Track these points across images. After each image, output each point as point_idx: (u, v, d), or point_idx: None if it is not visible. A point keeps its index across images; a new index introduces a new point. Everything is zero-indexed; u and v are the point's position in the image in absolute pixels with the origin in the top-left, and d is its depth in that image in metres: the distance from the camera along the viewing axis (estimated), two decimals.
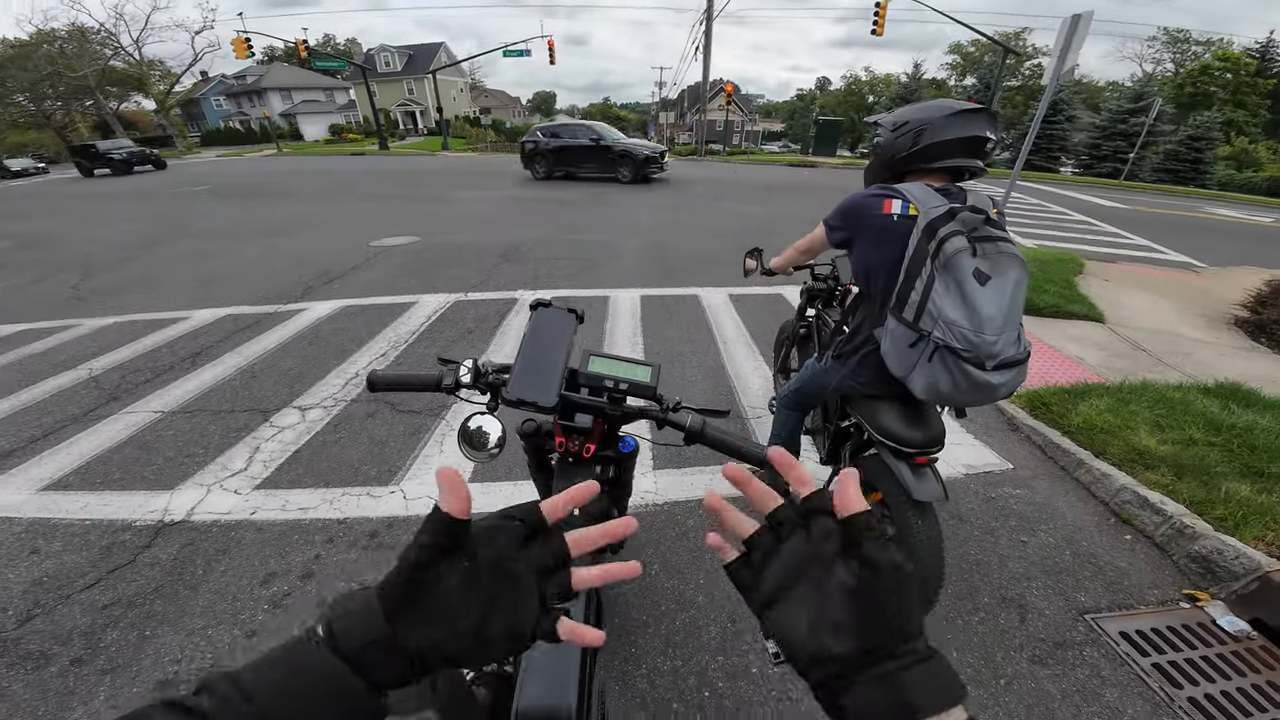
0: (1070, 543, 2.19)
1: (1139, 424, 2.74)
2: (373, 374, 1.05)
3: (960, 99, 1.46)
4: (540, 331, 0.96)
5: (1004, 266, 1.26)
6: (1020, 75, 41.32)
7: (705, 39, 24.86)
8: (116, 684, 1.61)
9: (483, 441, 0.98)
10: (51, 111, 39.79)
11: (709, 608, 1.88)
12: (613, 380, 0.94)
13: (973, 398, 1.33)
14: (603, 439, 1.07)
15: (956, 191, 1.37)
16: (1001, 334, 1.25)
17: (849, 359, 1.62)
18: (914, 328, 1.30)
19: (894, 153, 1.43)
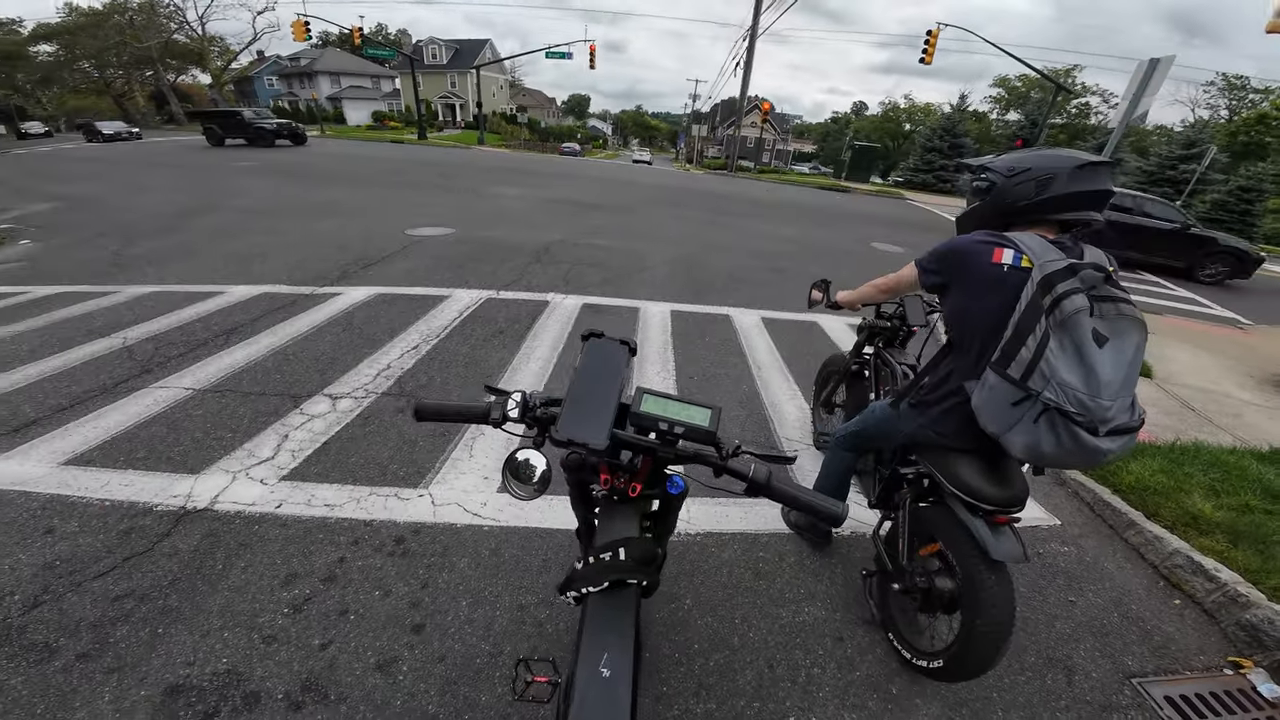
0: (1118, 605, 2.16)
1: (1193, 487, 2.72)
2: (419, 404, 1.02)
3: (1082, 149, 1.40)
4: (591, 365, 0.93)
5: (1124, 329, 1.19)
6: (1066, 113, 40.79)
7: (747, 55, 24.98)
8: (123, 685, 1.52)
9: (528, 476, 0.94)
10: (113, 79, 41.33)
11: (744, 649, 1.79)
12: (667, 423, 0.90)
13: (1076, 461, 1.26)
14: (650, 476, 1.03)
15: (1072, 245, 1.30)
16: (1117, 399, 1.18)
17: (930, 408, 1.54)
18: (1020, 386, 1.23)
19: (1010, 200, 1.35)
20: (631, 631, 0.81)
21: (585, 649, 0.77)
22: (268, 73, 53.81)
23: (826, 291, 2.15)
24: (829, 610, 1.97)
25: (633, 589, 0.86)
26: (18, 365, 3.28)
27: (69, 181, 11.37)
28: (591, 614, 0.82)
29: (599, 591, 0.84)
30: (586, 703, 0.70)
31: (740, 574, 2.10)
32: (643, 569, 0.86)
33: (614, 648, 0.77)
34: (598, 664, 0.74)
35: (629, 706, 0.71)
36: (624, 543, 0.87)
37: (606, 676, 0.73)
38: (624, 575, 0.84)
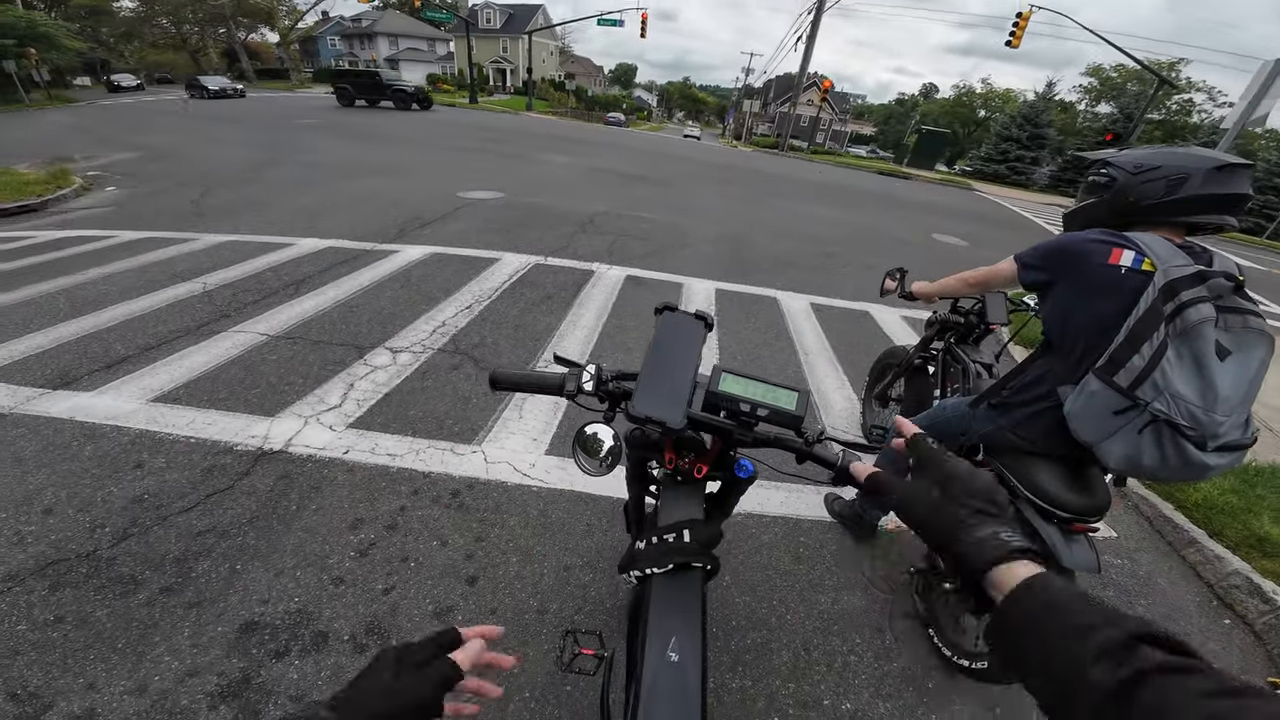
0: (1167, 620, 2.12)
1: (1263, 509, 2.61)
2: (495, 373, 1.00)
3: (1208, 148, 1.27)
4: (666, 340, 0.89)
5: (1249, 342, 1.12)
6: (1165, 109, 37.04)
7: (811, 29, 23.69)
8: (202, 620, 1.59)
9: (596, 450, 0.93)
10: (189, 35, 43.03)
11: (781, 630, 1.81)
12: (749, 404, 0.85)
13: (1177, 476, 1.20)
14: (717, 458, 1.00)
15: (1201, 251, 1.21)
16: (1232, 415, 1.12)
17: (1015, 410, 1.47)
18: (1128, 395, 1.16)
19: (1135, 198, 1.26)
20: (698, 616, 0.78)
21: (652, 632, 0.74)
22: (330, 32, 54.85)
23: (901, 281, 2.06)
24: (869, 600, 1.96)
25: (697, 572, 0.82)
26: (109, 305, 3.55)
27: (148, 132, 12.03)
28: (657, 597, 0.79)
29: (663, 574, 0.81)
30: (657, 688, 0.68)
31: (780, 557, 2.10)
32: (707, 553, 0.83)
33: (681, 632, 0.74)
34: (665, 648, 0.71)
35: (700, 691, 0.69)
36: (689, 524, 0.85)
37: (675, 661, 0.70)
38: (689, 558, 0.81)
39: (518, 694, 1.51)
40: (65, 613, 1.60)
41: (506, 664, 0.64)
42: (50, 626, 1.56)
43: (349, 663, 1.55)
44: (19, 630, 1.54)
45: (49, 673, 1.45)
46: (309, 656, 1.55)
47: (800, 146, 29.68)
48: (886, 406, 2.82)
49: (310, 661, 1.54)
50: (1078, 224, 1.40)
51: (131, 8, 39.73)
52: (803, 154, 26.68)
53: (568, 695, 1.52)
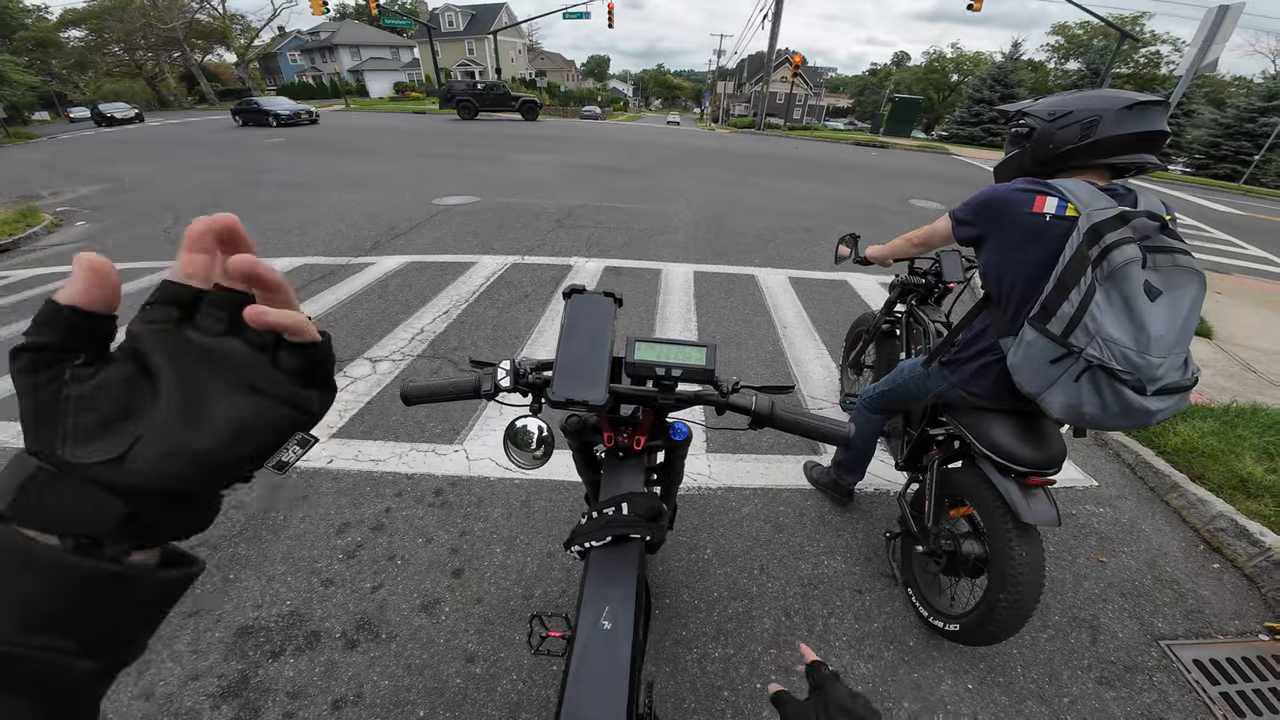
0: (1152, 567, 2.12)
1: (1245, 450, 2.60)
2: (405, 388, 0.98)
3: (1130, 89, 1.28)
4: (578, 322, 0.89)
5: (1179, 281, 1.11)
6: (1134, 63, 37.04)
7: (775, 5, 23.48)
8: (200, 627, 1.65)
9: (526, 443, 0.94)
10: (143, 61, 42.25)
11: (762, 598, 1.86)
12: (664, 367, 0.86)
13: (1120, 423, 1.19)
14: (652, 427, 1.02)
15: (1125, 193, 1.20)
16: (1168, 356, 1.11)
17: (963, 366, 1.49)
18: (1061, 342, 1.17)
19: (1054, 145, 1.26)
20: (633, 585, 0.79)
21: (586, 603, 0.76)
22: (290, 48, 53.97)
23: (855, 246, 2.08)
24: (848, 564, 2.01)
25: (636, 544, 0.84)
26: None
27: (113, 164, 11.85)
28: (594, 568, 0.81)
29: (601, 546, 0.83)
30: (587, 655, 0.70)
31: (760, 527, 2.15)
32: (645, 523, 0.85)
33: (615, 600, 0.76)
34: (599, 617, 0.74)
35: (628, 658, 0.70)
36: (626, 497, 0.87)
37: (608, 629, 0.72)
38: (626, 530, 0.83)
39: (505, 676, 1.56)
40: None
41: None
42: None
43: (341, 659, 1.59)
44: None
45: None
46: (303, 655, 1.60)
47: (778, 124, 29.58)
48: (861, 373, 2.86)
49: (305, 659, 1.58)
50: (1007, 175, 1.41)
51: (80, 37, 38.92)
52: (780, 131, 26.58)
53: (552, 676, 1.56)
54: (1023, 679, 1.65)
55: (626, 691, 0.67)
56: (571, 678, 0.68)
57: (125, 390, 0.28)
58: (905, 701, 1.57)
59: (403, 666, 1.57)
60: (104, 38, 38.53)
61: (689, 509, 2.21)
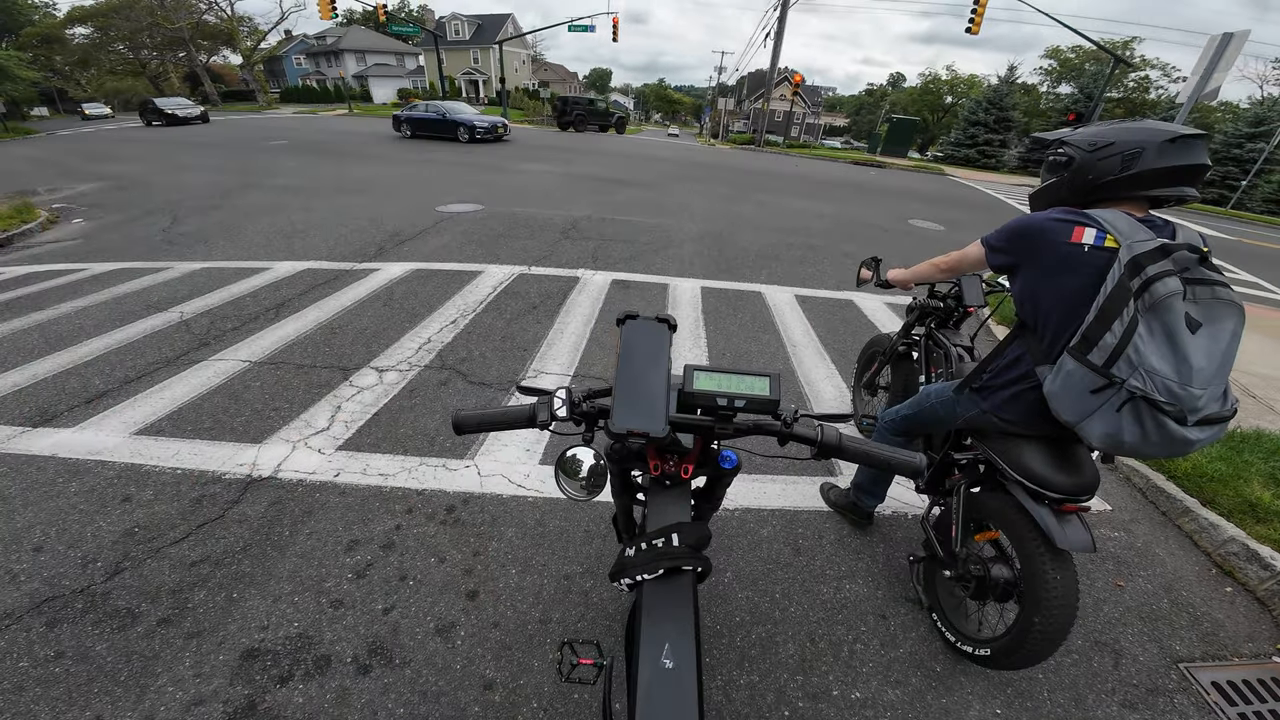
0: (1169, 591, 2.13)
1: (1252, 475, 2.65)
2: (457, 416, 0.95)
3: (1164, 121, 1.29)
4: (634, 349, 0.88)
5: (1219, 314, 1.13)
6: (1124, 87, 38.07)
7: (778, 25, 23.93)
8: (203, 649, 1.58)
9: (576, 472, 0.91)
10: (148, 60, 42.23)
11: (785, 623, 1.82)
12: (725, 397, 0.85)
13: (1159, 451, 1.20)
14: (700, 455, 1.00)
15: (1163, 225, 1.22)
16: (1209, 387, 1.12)
17: (995, 393, 1.49)
18: (1103, 373, 1.17)
19: (1094, 175, 1.27)
20: (691, 619, 0.77)
21: (645, 640, 0.73)
22: (295, 51, 54.22)
23: (876, 269, 2.08)
24: (871, 588, 1.98)
25: (689, 575, 0.82)
26: (85, 339, 3.46)
27: (112, 162, 11.77)
28: (649, 603, 0.79)
29: (654, 579, 0.81)
30: (653, 696, 0.67)
31: (780, 550, 2.11)
32: (697, 555, 0.83)
33: (675, 637, 0.73)
34: (659, 655, 0.71)
35: (696, 697, 0.68)
36: (677, 528, 0.85)
37: (670, 668, 0.70)
38: (679, 562, 0.81)
39: (525, 705, 1.50)
40: (65, 648, 1.58)
41: None
42: (52, 662, 1.54)
43: (354, 685, 1.53)
44: (21, 667, 1.52)
45: (55, 707, 1.43)
46: (313, 680, 1.53)
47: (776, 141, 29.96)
48: (875, 395, 2.85)
49: (315, 685, 1.52)
50: (1042, 204, 1.42)
51: (86, 35, 38.87)
52: (779, 148, 26.90)
53: (575, 705, 1.51)
54: (1049, 703, 1.64)
55: None
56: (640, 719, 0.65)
57: None
58: None
59: (418, 694, 1.51)
60: (109, 35, 38.48)
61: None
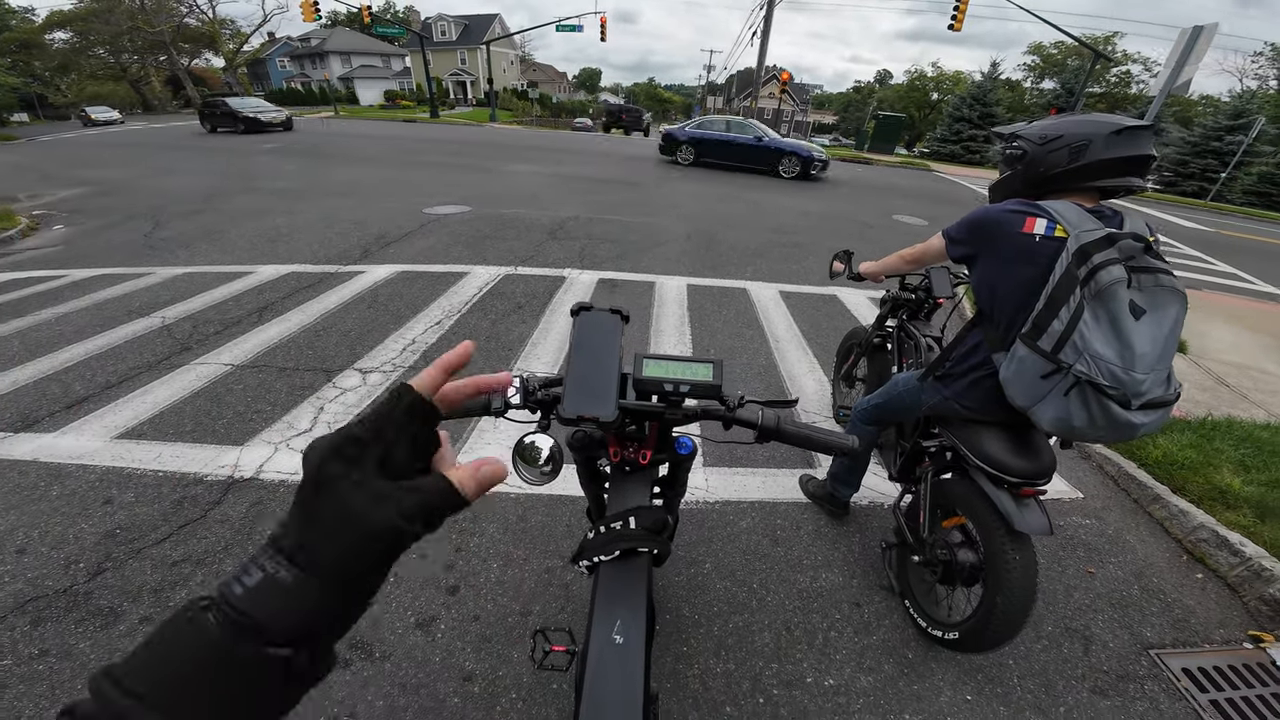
0: (1139, 577, 2.17)
1: (1222, 462, 2.70)
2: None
3: (1123, 115, 1.34)
4: (586, 339, 0.90)
5: (1162, 300, 1.17)
6: (1105, 82, 38.64)
7: (764, 24, 24.04)
8: None
9: (535, 459, 0.93)
10: (128, 64, 41.67)
11: (762, 612, 1.86)
12: (672, 383, 0.88)
13: (1107, 436, 1.25)
14: (658, 442, 1.03)
15: (1111, 214, 1.27)
16: (1152, 372, 1.17)
17: (956, 380, 1.54)
18: (1051, 358, 1.22)
19: (1043, 168, 1.32)
20: (644, 599, 0.80)
21: (598, 618, 0.77)
22: (279, 54, 53.72)
23: (849, 262, 2.13)
24: (846, 577, 2.02)
25: (644, 558, 0.85)
26: (65, 345, 3.44)
27: (93, 167, 11.62)
28: (603, 583, 0.82)
29: (610, 561, 0.84)
30: (601, 669, 0.71)
31: (758, 541, 2.15)
32: (653, 538, 0.86)
33: (626, 616, 0.77)
34: (611, 631, 0.75)
35: (642, 672, 0.71)
36: (634, 511, 0.88)
37: (620, 644, 0.73)
38: (635, 544, 0.84)
39: (504, 695, 1.53)
40: (49, 646, 1.59)
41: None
42: (36, 660, 1.55)
43: (333, 678, 1.54)
44: (4, 665, 1.54)
45: (39, 704, 1.45)
46: None
47: None
48: (853, 386, 2.90)
49: None
50: (999, 196, 1.47)
51: (65, 39, 38.28)
52: None
53: (553, 694, 1.54)
54: (1019, 689, 1.67)
55: (641, 704, 0.68)
56: (587, 692, 0.69)
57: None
58: (906, 714, 1.57)
59: (397, 686, 1.53)
60: (89, 40, 37.91)
61: (687, 523, 2.21)
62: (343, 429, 0.35)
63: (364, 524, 0.33)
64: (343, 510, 0.33)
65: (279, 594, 0.31)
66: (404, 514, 0.34)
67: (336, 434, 0.35)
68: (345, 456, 0.34)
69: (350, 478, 0.33)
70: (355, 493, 0.33)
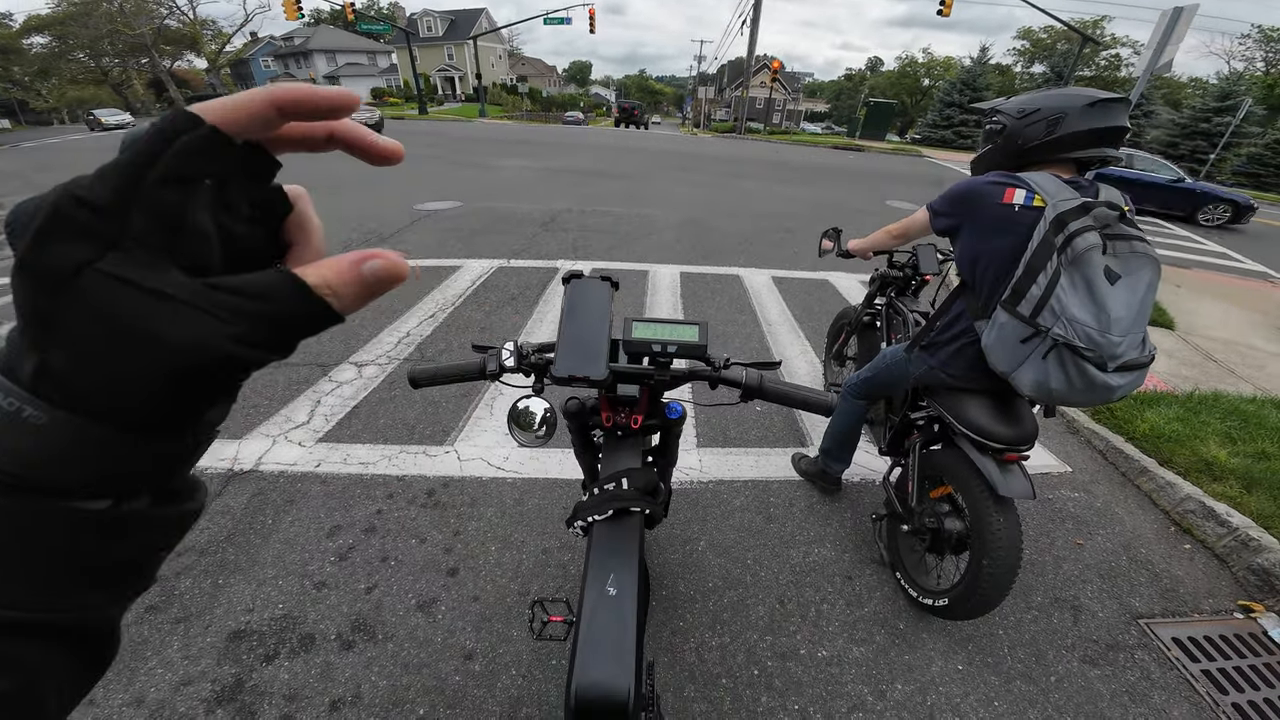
0: (1127, 549, 2.19)
1: (1209, 435, 2.73)
2: (413, 371, 1.02)
3: (1094, 88, 1.37)
4: (578, 304, 0.93)
5: (1136, 266, 1.21)
6: (1095, 65, 38.67)
7: (753, 12, 23.90)
8: (190, 633, 1.63)
9: (529, 422, 0.96)
10: (109, 68, 41.07)
11: (756, 587, 1.89)
12: (659, 344, 0.90)
13: (1085, 398, 1.29)
14: (649, 407, 1.06)
15: (1087, 185, 1.31)
16: (1127, 335, 1.21)
17: (941, 349, 1.57)
18: (1030, 323, 1.26)
19: (1021, 141, 1.35)
20: (635, 555, 0.82)
21: (592, 572, 0.79)
22: (262, 54, 53.01)
23: (837, 240, 2.15)
24: (838, 551, 2.06)
25: (637, 517, 0.88)
26: None
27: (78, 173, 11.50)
28: (597, 541, 0.85)
29: (604, 520, 0.87)
30: (595, 618, 0.73)
31: (752, 518, 2.19)
32: (646, 498, 0.89)
33: (619, 569, 0.79)
34: (604, 584, 0.77)
35: (634, 622, 0.73)
36: (626, 473, 0.91)
37: (613, 594, 0.75)
38: (627, 504, 0.86)
39: (504, 672, 1.56)
40: None
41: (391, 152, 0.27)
42: None
43: (337, 660, 1.58)
44: None
45: None
46: (298, 657, 1.58)
47: (757, 129, 30.02)
48: (844, 365, 2.94)
49: (300, 662, 1.56)
50: (980, 169, 1.50)
51: (44, 44, 37.66)
52: (760, 135, 26.97)
53: (552, 670, 1.57)
54: (1010, 659, 1.71)
55: (634, 649, 0.70)
56: (581, 640, 0.71)
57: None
58: (898, 684, 1.61)
59: (400, 666, 1.57)
60: (68, 44, 37.30)
61: (682, 502, 2.24)
62: (81, 181, 0.20)
63: (155, 347, 0.20)
64: (109, 324, 0.19)
65: (27, 436, 0.20)
66: (233, 335, 0.21)
67: (65, 192, 0.20)
68: (95, 233, 0.20)
69: (113, 272, 0.19)
70: (126, 297, 0.19)
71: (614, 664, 0.68)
